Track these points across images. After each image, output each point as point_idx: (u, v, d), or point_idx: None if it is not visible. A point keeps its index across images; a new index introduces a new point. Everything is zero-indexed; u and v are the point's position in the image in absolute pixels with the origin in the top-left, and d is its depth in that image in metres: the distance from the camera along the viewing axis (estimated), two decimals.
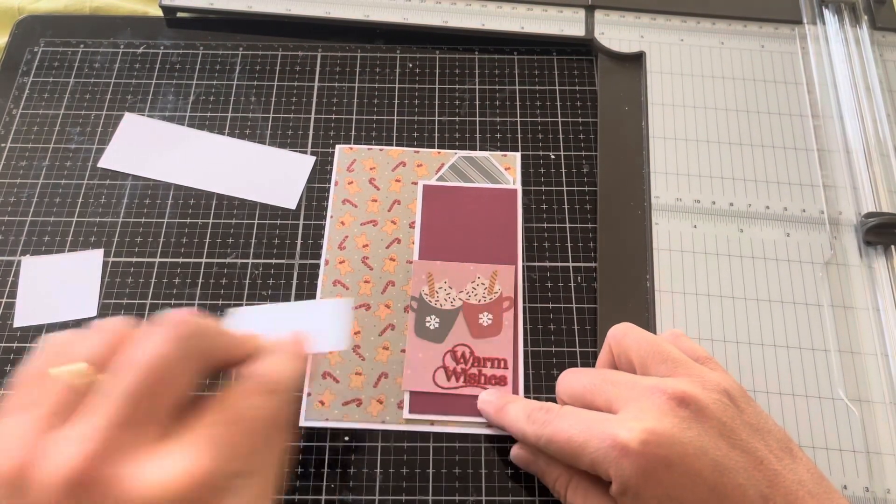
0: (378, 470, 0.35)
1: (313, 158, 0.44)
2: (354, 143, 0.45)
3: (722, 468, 0.28)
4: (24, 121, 0.45)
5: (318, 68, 0.48)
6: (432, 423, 0.36)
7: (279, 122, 0.46)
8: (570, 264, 0.41)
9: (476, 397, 0.36)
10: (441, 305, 0.39)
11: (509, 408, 0.34)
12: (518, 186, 0.43)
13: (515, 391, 0.37)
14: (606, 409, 0.31)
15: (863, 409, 0.36)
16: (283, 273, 0.41)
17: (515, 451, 0.34)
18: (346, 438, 0.36)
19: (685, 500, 0.27)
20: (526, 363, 0.38)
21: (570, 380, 0.33)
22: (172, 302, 0.40)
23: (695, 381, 0.30)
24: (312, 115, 0.46)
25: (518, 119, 0.46)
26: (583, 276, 0.41)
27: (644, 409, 0.29)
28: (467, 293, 0.40)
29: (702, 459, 0.28)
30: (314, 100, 0.46)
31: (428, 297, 0.39)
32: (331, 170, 0.44)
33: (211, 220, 0.42)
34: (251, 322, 0.32)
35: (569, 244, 0.42)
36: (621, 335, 0.34)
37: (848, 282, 0.40)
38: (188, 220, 0.42)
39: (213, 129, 0.45)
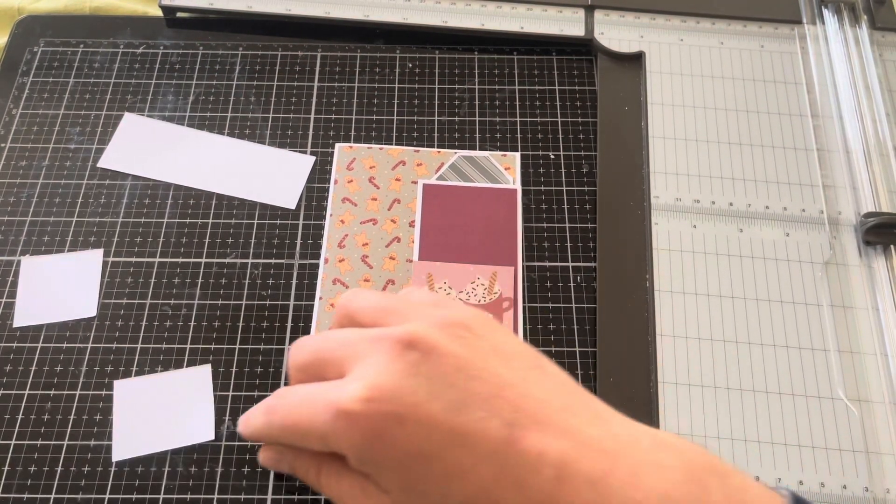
0: None
1: (313, 158, 0.44)
2: (354, 143, 0.45)
3: (458, 405, 0.25)
4: (23, 121, 0.45)
5: (317, 68, 0.48)
6: None
7: (279, 122, 0.46)
8: (570, 264, 0.41)
9: None
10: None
11: (251, 412, 0.30)
12: (518, 186, 0.43)
13: None
14: (339, 376, 0.27)
15: (862, 409, 0.36)
16: (282, 273, 0.41)
17: (261, 454, 0.31)
18: None
19: (426, 452, 0.25)
20: None
21: (296, 352, 0.29)
22: (172, 302, 0.40)
23: (425, 321, 0.27)
24: (312, 115, 0.46)
25: (518, 119, 0.46)
26: (582, 276, 0.41)
27: (369, 364, 0.26)
28: (467, 293, 0.40)
29: (435, 402, 0.25)
30: (314, 100, 0.47)
31: None
32: (330, 169, 0.44)
33: (211, 220, 0.42)
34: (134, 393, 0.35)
35: (568, 244, 0.42)
36: (347, 300, 0.30)
37: (847, 282, 0.40)
38: (188, 220, 0.42)
39: (213, 129, 0.45)
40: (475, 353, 0.26)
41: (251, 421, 0.30)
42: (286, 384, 0.35)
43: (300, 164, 0.44)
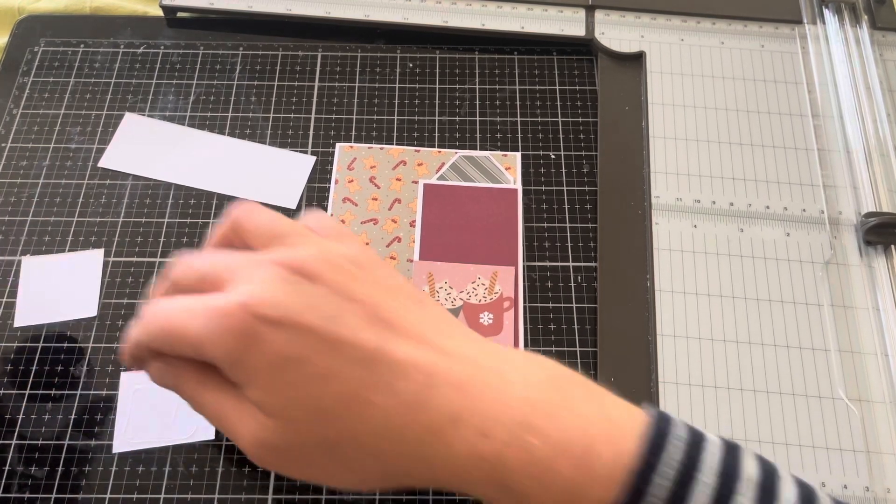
0: None
1: (313, 158, 0.44)
2: (355, 143, 0.45)
3: (334, 317, 0.26)
4: (24, 121, 0.45)
5: (318, 68, 0.48)
6: None
7: (279, 122, 0.46)
8: (570, 264, 0.41)
9: None
10: (441, 305, 0.39)
11: (131, 331, 0.29)
12: (518, 186, 0.43)
13: None
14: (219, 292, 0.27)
15: (863, 409, 0.36)
16: None
17: (152, 367, 0.29)
18: None
19: (297, 356, 0.25)
20: None
21: (179, 268, 0.28)
22: None
23: (313, 251, 0.27)
24: (312, 115, 0.46)
25: (518, 119, 0.46)
26: (583, 276, 0.41)
27: (252, 280, 0.26)
28: (468, 293, 0.40)
29: (310, 313, 0.26)
30: (314, 100, 0.47)
31: None
32: (331, 169, 0.44)
33: (211, 220, 0.42)
34: None
35: (569, 244, 0.42)
36: (243, 216, 0.29)
37: (848, 281, 0.40)
38: (188, 220, 0.42)
39: (213, 129, 0.45)
40: (357, 282, 0.27)
41: (134, 335, 0.29)
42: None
43: (301, 164, 0.44)
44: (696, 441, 0.26)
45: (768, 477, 0.25)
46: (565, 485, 0.25)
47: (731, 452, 0.26)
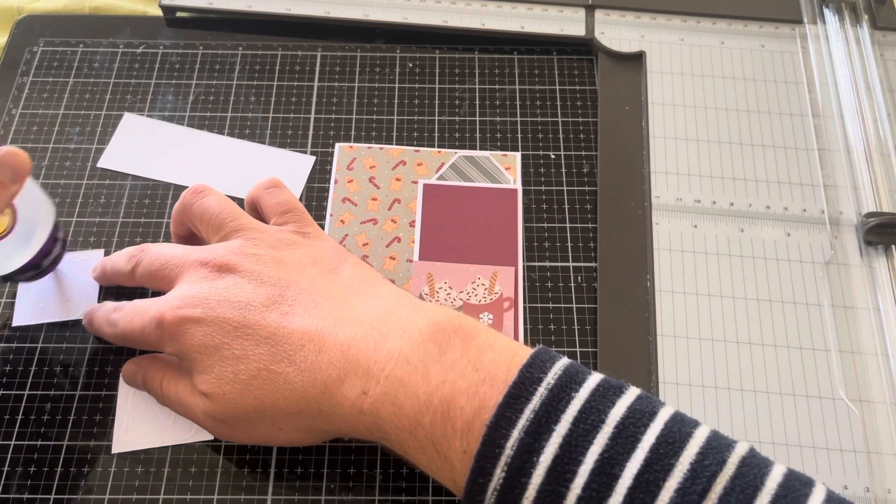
0: (378, 470, 0.35)
1: (313, 158, 0.44)
2: (354, 143, 0.45)
3: (244, 305, 0.31)
4: (23, 121, 0.45)
5: (317, 68, 0.48)
6: None
7: (279, 122, 0.46)
8: (570, 264, 0.41)
9: None
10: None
11: (94, 317, 0.36)
12: (518, 186, 0.43)
13: None
14: (169, 287, 0.34)
15: (863, 409, 0.36)
16: None
17: (125, 369, 0.36)
18: (346, 439, 0.36)
19: (216, 343, 0.31)
20: None
21: (146, 264, 0.35)
22: None
23: (235, 246, 0.33)
24: (312, 115, 0.46)
25: (518, 119, 0.46)
26: (583, 276, 0.41)
27: (185, 282, 0.33)
28: (467, 293, 0.40)
29: (224, 305, 0.31)
30: (314, 99, 0.46)
31: (428, 298, 0.39)
32: (330, 169, 0.44)
33: None
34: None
35: (569, 244, 0.42)
36: (190, 205, 0.36)
37: (848, 281, 0.40)
38: None
39: (212, 129, 0.45)
40: (270, 266, 0.32)
41: (98, 327, 0.36)
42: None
43: (300, 164, 0.44)
44: (565, 386, 0.26)
45: (636, 420, 0.26)
46: (430, 436, 0.27)
47: (603, 396, 0.26)
